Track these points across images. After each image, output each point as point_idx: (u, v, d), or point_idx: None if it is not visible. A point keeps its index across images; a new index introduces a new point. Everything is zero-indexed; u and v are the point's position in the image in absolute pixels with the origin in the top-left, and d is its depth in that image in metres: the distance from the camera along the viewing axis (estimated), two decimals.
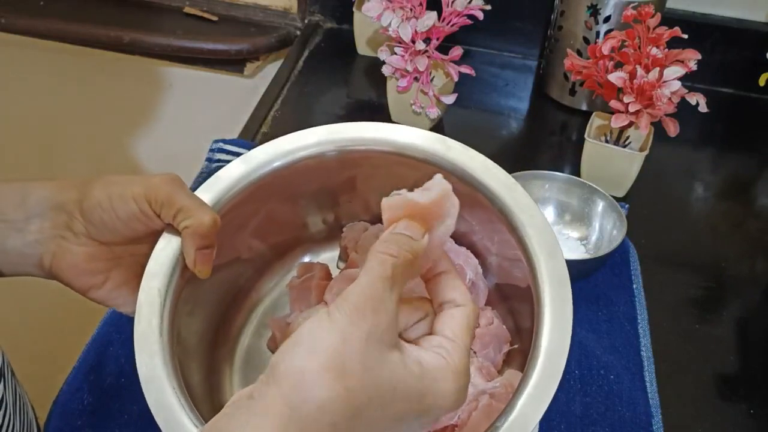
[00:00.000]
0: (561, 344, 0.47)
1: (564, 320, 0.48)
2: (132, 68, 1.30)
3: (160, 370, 0.45)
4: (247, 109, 1.04)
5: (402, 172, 0.59)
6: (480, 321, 0.60)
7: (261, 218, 0.61)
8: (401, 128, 0.59)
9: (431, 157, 0.57)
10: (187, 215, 0.48)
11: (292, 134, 0.59)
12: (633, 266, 0.81)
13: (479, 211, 0.58)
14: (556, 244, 0.52)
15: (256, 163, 0.57)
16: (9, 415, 0.51)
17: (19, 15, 1.22)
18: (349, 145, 0.59)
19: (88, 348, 0.68)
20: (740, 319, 0.80)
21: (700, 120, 0.89)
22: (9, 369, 0.54)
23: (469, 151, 0.58)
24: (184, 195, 0.48)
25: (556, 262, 0.51)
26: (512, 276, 0.60)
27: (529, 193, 0.82)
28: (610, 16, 0.97)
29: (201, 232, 0.48)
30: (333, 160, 0.59)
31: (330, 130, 0.59)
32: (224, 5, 1.25)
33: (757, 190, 1.00)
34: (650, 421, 0.67)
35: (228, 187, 0.55)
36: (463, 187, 0.56)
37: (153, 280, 0.49)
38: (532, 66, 1.16)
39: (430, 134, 0.58)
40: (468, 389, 0.39)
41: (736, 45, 1.08)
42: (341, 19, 1.20)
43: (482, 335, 0.59)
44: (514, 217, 0.54)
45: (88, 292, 0.50)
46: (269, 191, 0.59)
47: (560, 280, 0.50)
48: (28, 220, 0.48)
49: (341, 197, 0.66)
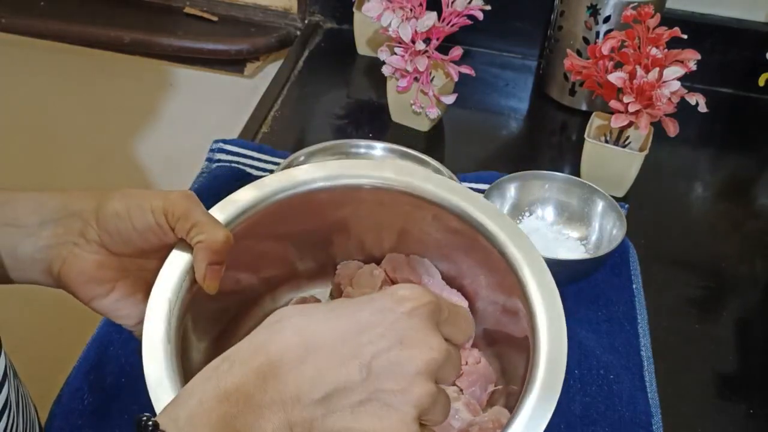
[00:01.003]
0: (558, 359, 0.48)
1: (558, 357, 0.48)
2: (132, 68, 1.30)
3: (168, 375, 0.46)
4: (247, 109, 1.04)
5: (408, 211, 0.61)
6: (468, 359, 0.61)
7: (256, 250, 0.61)
8: (414, 168, 0.60)
9: (439, 199, 0.58)
10: (201, 230, 0.48)
11: (305, 166, 0.60)
12: (633, 266, 0.81)
13: (476, 253, 0.59)
14: (555, 289, 0.52)
15: (268, 191, 0.57)
16: (13, 415, 0.52)
17: (19, 15, 1.22)
18: (364, 179, 0.59)
19: (88, 348, 0.68)
20: (740, 319, 0.80)
21: (699, 120, 0.89)
22: (12, 370, 0.54)
23: (475, 194, 0.59)
24: (200, 211, 0.49)
25: (554, 300, 0.51)
26: (501, 322, 0.60)
27: (529, 193, 0.84)
28: (609, 17, 0.97)
29: (214, 248, 0.48)
30: (346, 194, 0.60)
31: (342, 165, 0.60)
32: (224, 5, 1.25)
33: (757, 190, 1.00)
34: (650, 421, 0.67)
35: (239, 211, 0.56)
36: (465, 228, 0.57)
37: (163, 289, 0.49)
38: (532, 66, 1.16)
39: (439, 178, 0.60)
40: None
41: (735, 45, 1.08)
42: (341, 19, 1.20)
43: (469, 373, 0.60)
44: (513, 259, 0.55)
45: (92, 302, 0.51)
46: (271, 222, 0.59)
47: (556, 319, 0.50)
48: (42, 226, 0.49)
49: (337, 236, 0.66)
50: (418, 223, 0.62)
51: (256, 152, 0.91)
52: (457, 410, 0.58)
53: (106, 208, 0.48)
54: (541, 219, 0.83)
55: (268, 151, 0.92)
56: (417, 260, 0.65)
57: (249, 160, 0.91)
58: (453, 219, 0.58)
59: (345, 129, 1.02)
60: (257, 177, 0.87)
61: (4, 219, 0.49)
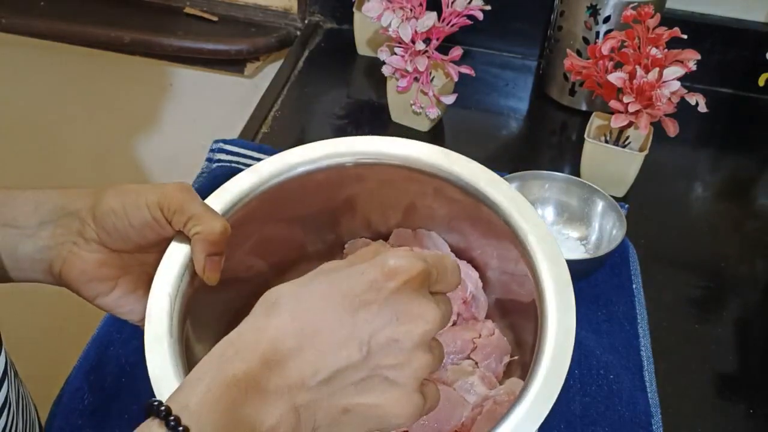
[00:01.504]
0: (564, 350, 0.47)
1: (567, 327, 0.48)
2: (132, 68, 1.30)
3: (171, 370, 0.46)
4: (247, 109, 1.04)
5: (407, 186, 0.60)
6: (481, 332, 0.61)
7: (262, 235, 0.61)
8: (408, 142, 0.59)
9: (438, 171, 0.57)
10: (198, 222, 0.48)
11: (300, 147, 0.59)
12: (633, 266, 0.81)
13: (482, 224, 0.58)
14: (560, 254, 0.52)
15: (265, 175, 0.57)
16: (13, 414, 0.52)
17: (19, 15, 1.22)
18: (359, 157, 0.59)
19: (88, 348, 0.68)
20: (740, 319, 0.80)
21: (699, 120, 0.89)
22: (12, 369, 0.54)
23: (472, 163, 0.58)
24: (196, 203, 0.49)
25: (560, 269, 0.51)
26: (512, 291, 0.60)
27: (529, 193, 0.84)
28: (609, 17, 0.97)
29: (211, 239, 0.48)
30: (341, 173, 0.59)
31: (337, 143, 0.59)
32: (224, 5, 1.25)
33: (757, 190, 1.00)
34: (650, 421, 0.67)
35: (235, 199, 0.55)
36: (467, 200, 0.57)
37: (162, 285, 0.49)
38: (531, 66, 1.16)
39: (434, 147, 0.58)
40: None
41: (735, 45, 1.08)
42: (341, 19, 1.20)
43: (484, 346, 0.60)
44: (518, 227, 0.54)
45: (95, 299, 0.51)
46: (273, 207, 0.58)
47: (563, 286, 0.50)
48: (41, 226, 0.49)
49: (342, 216, 0.65)
50: (421, 198, 0.61)
51: (256, 152, 0.92)
52: (473, 384, 0.58)
53: (101, 206, 0.48)
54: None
55: (268, 151, 0.92)
56: (424, 234, 0.65)
57: (249, 160, 0.91)
58: (455, 191, 0.57)
59: (345, 129, 1.02)
60: None
61: (3, 220, 0.49)
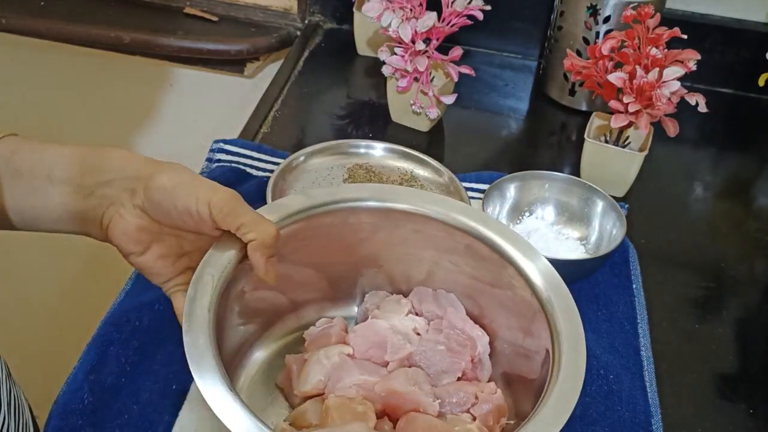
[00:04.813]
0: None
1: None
2: (132, 68, 1.30)
3: (204, 340, 0.50)
4: (247, 109, 1.04)
5: (437, 240, 0.64)
6: (484, 389, 0.62)
7: (290, 275, 0.63)
8: (453, 202, 0.64)
9: (472, 229, 0.62)
10: (251, 229, 0.52)
11: (352, 185, 0.64)
12: (633, 266, 0.81)
13: (503, 286, 0.62)
14: (581, 336, 0.58)
15: (316, 201, 0.61)
16: (4, 415, 0.52)
17: (19, 15, 1.22)
18: (401, 204, 0.63)
19: (88, 348, 0.68)
20: (740, 319, 0.80)
21: (699, 120, 0.89)
22: (4, 370, 0.54)
23: (509, 231, 0.63)
24: (247, 209, 0.53)
25: (578, 356, 0.56)
26: (517, 363, 0.63)
27: (529, 193, 0.84)
28: (609, 17, 0.97)
29: (267, 243, 0.53)
30: (387, 215, 0.63)
31: (389, 189, 0.65)
32: (224, 5, 1.25)
33: (757, 190, 1.00)
34: (650, 421, 0.67)
35: (285, 215, 0.59)
36: (494, 257, 0.61)
37: (207, 267, 0.54)
38: (531, 66, 1.16)
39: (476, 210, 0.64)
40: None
41: (735, 45, 1.08)
42: (341, 19, 1.20)
43: (485, 401, 0.61)
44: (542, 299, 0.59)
45: (129, 257, 0.55)
46: (306, 245, 0.62)
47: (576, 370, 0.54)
48: (99, 186, 0.53)
49: (367, 268, 0.68)
50: (448, 254, 0.65)
51: (256, 152, 0.91)
52: (470, 431, 0.58)
53: (155, 179, 0.52)
54: (541, 219, 0.83)
55: (268, 151, 0.92)
56: (443, 294, 0.67)
57: (249, 160, 0.91)
58: (485, 248, 0.61)
59: (345, 129, 1.02)
60: (257, 177, 0.88)
61: (62, 176, 0.53)
